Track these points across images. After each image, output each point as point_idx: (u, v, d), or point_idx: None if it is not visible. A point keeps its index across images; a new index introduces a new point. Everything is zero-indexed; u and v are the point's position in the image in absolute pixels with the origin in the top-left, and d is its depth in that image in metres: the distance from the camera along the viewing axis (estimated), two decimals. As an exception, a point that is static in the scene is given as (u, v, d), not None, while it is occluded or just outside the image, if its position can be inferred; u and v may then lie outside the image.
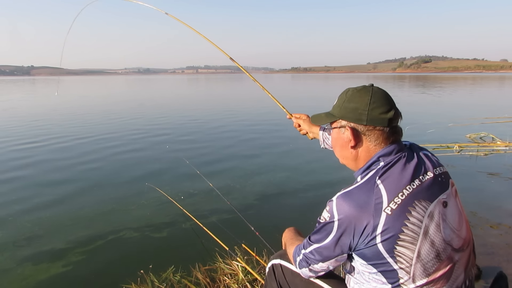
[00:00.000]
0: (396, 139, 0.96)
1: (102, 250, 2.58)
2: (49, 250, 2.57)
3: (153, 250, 2.59)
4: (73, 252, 2.54)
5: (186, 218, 2.95)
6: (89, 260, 2.44)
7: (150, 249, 2.60)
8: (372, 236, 0.85)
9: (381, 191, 0.87)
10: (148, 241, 2.71)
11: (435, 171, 0.94)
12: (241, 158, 5.23)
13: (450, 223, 0.90)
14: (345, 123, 0.98)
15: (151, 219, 3.08)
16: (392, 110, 0.93)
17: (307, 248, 1.02)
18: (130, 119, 9.84)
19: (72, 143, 6.41)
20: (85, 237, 2.76)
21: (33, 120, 9.59)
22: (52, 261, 2.43)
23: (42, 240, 2.72)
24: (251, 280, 2.08)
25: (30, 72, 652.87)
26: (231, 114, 10.75)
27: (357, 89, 0.98)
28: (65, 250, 2.57)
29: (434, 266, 0.87)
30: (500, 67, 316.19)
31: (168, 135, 7.22)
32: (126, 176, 4.35)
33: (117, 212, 3.22)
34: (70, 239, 2.73)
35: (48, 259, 2.45)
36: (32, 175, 4.42)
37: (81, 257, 2.48)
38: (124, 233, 2.83)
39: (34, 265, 2.38)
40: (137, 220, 3.06)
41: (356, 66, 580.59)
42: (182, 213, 3.00)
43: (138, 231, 2.85)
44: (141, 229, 2.89)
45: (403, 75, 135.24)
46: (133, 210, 3.27)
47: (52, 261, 2.43)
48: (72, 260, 2.45)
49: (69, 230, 2.89)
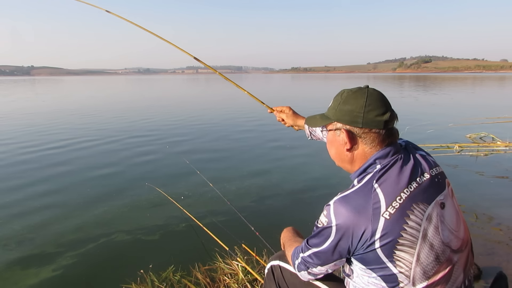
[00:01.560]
0: (392, 141, 0.95)
1: (102, 250, 2.58)
2: (49, 250, 2.57)
3: (153, 250, 2.59)
4: (74, 252, 2.54)
5: (186, 218, 2.96)
6: (89, 260, 2.44)
7: (150, 249, 2.60)
8: (371, 241, 0.85)
9: (379, 195, 0.86)
10: (148, 241, 2.71)
11: (431, 172, 0.94)
12: (241, 158, 5.23)
13: (448, 225, 0.90)
14: (341, 126, 0.97)
15: (151, 219, 3.08)
16: (387, 112, 0.92)
17: (306, 252, 1.01)
18: (130, 119, 9.84)
19: (72, 143, 6.42)
20: (85, 237, 2.76)
21: (31, 120, 9.61)
22: (53, 261, 2.43)
23: (42, 240, 2.72)
24: (251, 280, 2.08)
25: (30, 72, 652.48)
26: (231, 114, 10.74)
27: (352, 90, 0.96)
28: (65, 250, 2.57)
29: (434, 268, 0.87)
30: (500, 67, 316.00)
31: (168, 135, 7.22)
32: (126, 176, 4.35)
33: (117, 212, 3.22)
34: (70, 239, 2.73)
35: (49, 259, 2.45)
36: (27, 175, 4.42)
37: (81, 257, 2.48)
38: (124, 233, 2.83)
39: (33, 265, 2.38)
40: (137, 220, 3.06)
41: (356, 66, 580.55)
42: (182, 213, 3.00)
43: (138, 231, 2.85)
44: (141, 229, 2.89)
45: (403, 75, 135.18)
46: (133, 210, 3.27)
47: (53, 261, 2.43)
48: (72, 260, 2.45)
49: (69, 230, 2.88)
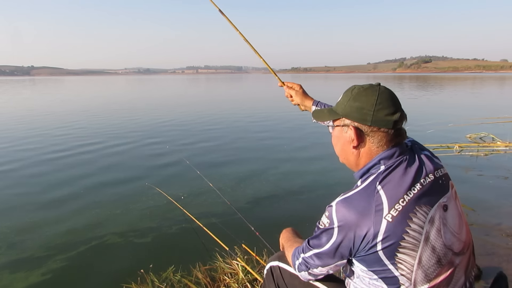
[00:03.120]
0: (399, 141, 0.94)
1: (102, 249, 2.58)
2: (50, 250, 2.57)
3: (153, 249, 2.59)
4: (74, 251, 2.54)
5: (186, 218, 2.96)
6: (89, 260, 2.44)
7: (150, 249, 2.60)
8: (373, 243, 0.84)
9: (382, 197, 0.85)
10: (148, 241, 2.71)
11: (436, 173, 0.93)
12: (241, 158, 5.23)
13: (451, 227, 0.90)
14: (349, 122, 0.95)
15: (151, 219, 3.08)
16: (398, 112, 0.90)
17: (306, 252, 1.00)
18: (130, 119, 9.84)
19: (73, 143, 6.42)
20: (85, 237, 2.76)
21: (30, 119, 9.60)
22: (53, 260, 2.43)
23: (43, 240, 2.72)
24: (251, 280, 2.08)
25: (30, 72, 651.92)
26: (231, 114, 10.75)
27: (363, 87, 0.94)
28: (66, 250, 2.57)
29: (435, 271, 0.86)
30: (500, 67, 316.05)
31: (168, 135, 7.22)
32: (126, 176, 4.35)
33: (117, 212, 3.22)
34: (70, 239, 2.73)
35: (49, 259, 2.45)
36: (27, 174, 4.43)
37: (81, 257, 2.48)
38: (124, 232, 2.83)
39: (34, 264, 2.39)
40: (137, 219, 3.06)
41: (356, 66, 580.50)
42: (182, 213, 3.00)
43: (138, 231, 2.85)
44: (141, 228, 2.89)
45: (403, 75, 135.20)
46: (133, 210, 3.27)
47: (53, 260, 2.43)
48: (72, 260, 2.45)
49: (69, 230, 2.89)
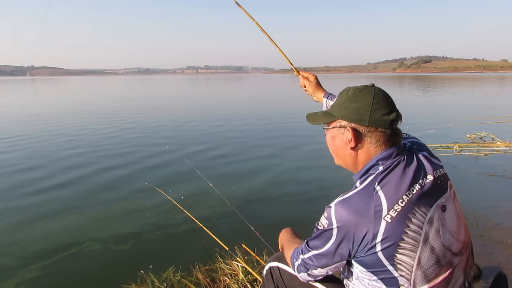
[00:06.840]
0: (396, 141, 0.94)
1: (102, 250, 2.58)
2: (49, 250, 2.57)
3: (153, 250, 2.59)
4: (74, 251, 2.54)
5: (186, 218, 2.96)
6: (89, 260, 2.44)
7: (150, 249, 2.60)
8: (372, 244, 0.84)
9: (381, 198, 0.85)
10: (148, 241, 2.71)
11: (435, 173, 0.93)
12: (241, 159, 5.23)
13: (449, 227, 0.90)
14: (346, 123, 0.95)
15: (151, 219, 3.08)
16: (394, 112, 0.92)
17: (306, 253, 1.00)
18: (130, 118, 9.84)
19: (72, 143, 6.42)
20: (85, 237, 2.76)
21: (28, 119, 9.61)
22: (53, 261, 2.43)
23: (43, 240, 2.72)
24: (251, 280, 2.08)
25: (30, 72, 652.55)
26: (231, 114, 10.74)
27: (358, 88, 0.95)
28: (65, 250, 2.57)
29: (435, 272, 0.87)
30: (500, 67, 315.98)
31: (168, 135, 7.22)
32: (126, 176, 4.35)
33: (116, 212, 3.22)
34: (70, 238, 2.73)
35: (49, 259, 2.45)
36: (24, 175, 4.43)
37: (81, 257, 2.48)
38: (124, 233, 2.82)
39: (36, 265, 2.39)
40: (137, 220, 3.06)
41: (356, 66, 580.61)
42: (182, 213, 3.00)
43: (138, 231, 2.85)
44: (141, 229, 2.89)
45: (403, 75, 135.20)
46: (133, 210, 3.26)
47: (53, 261, 2.43)
48: (73, 260, 2.45)
49: (69, 230, 2.88)
